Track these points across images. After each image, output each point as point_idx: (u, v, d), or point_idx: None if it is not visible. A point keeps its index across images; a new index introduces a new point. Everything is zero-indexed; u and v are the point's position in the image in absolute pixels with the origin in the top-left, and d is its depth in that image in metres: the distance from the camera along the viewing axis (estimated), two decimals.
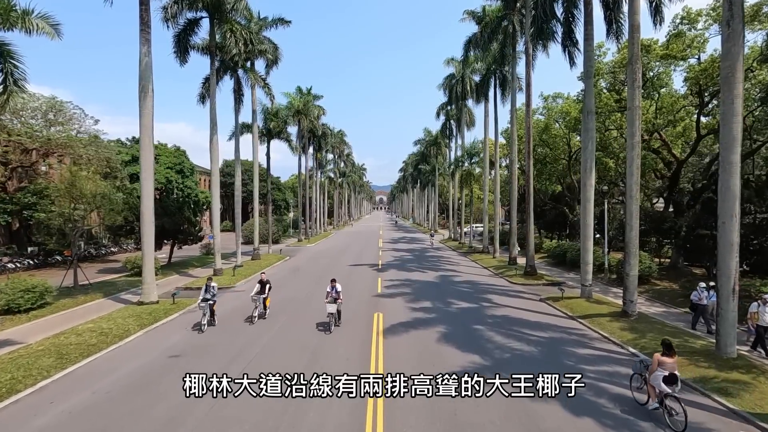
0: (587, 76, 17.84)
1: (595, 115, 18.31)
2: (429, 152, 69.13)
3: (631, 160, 14.78)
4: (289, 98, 46.53)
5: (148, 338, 13.78)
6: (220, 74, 28.05)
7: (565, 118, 29.69)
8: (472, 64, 36.35)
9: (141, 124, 17.47)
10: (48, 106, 29.47)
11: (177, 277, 25.74)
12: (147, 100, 17.42)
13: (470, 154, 41.76)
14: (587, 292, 18.16)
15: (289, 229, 65.64)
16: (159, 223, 26.73)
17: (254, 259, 32.22)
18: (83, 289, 21.03)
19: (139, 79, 17.42)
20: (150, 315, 16.04)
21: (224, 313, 16.63)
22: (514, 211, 28.72)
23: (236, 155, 29.33)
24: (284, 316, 16.18)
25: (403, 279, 24.41)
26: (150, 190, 17.64)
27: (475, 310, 17.09)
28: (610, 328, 14.19)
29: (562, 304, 17.68)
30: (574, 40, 20.01)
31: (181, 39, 23.62)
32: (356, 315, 16.21)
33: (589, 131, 17.77)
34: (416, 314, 16.35)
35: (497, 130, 33.59)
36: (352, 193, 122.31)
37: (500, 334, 13.84)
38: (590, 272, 18.14)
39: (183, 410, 8.57)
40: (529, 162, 24.64)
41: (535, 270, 24.78)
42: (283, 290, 21.24)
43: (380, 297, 19.43)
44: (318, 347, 12.46)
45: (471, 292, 20.81)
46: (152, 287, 17.78)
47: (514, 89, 28.56)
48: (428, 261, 33.17)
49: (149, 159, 17.57)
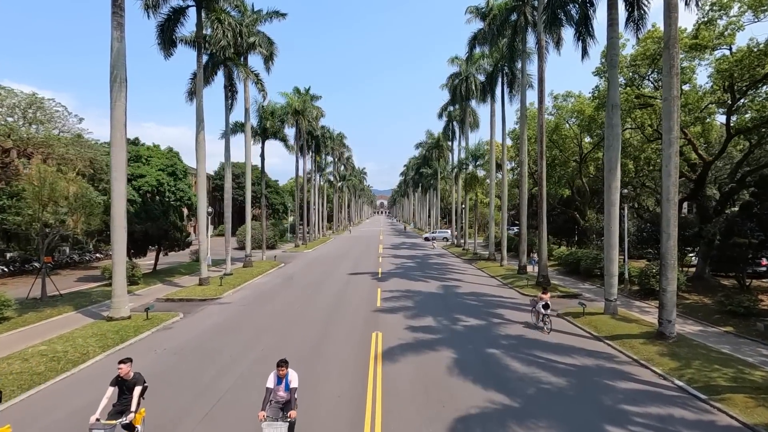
0: (611, 65, 15.94)
1: (622, 108, 16.35)
2: (431, 155, 67.27)
3: (668, 159, 12.84)
4: (286, 98, 44.76)
5: (107, 364, 11.79)
6: (209, 69, 26.27)
7: (578, 117, 27.78)
8: (477, 61, 34.56)
9: (112, 117, 15.60)
10: (27, 103, 27.70)
11: (160, 286, 23.80)
12: (119, 91, 15.56)
13: (475, 156, 39.85)
14: (612, 307, 16.15)
15: (286, 234, 63.70)
16: (142, 228, 24.93)
17: (246, 266, 30.26)
18: (52, 300, 19.09)
19: (110, 67, 15.57)
20: (117, 334, 14.08)
21: (203, 330, 14.66)
22: (523, 215, 26.76)
23: (226, 155, 27.45)
24: (269, 337, 14.18)
25: (404, 290, 22.43)
26: (121, 191, 15.73)
27: (485, 329, 15.08)
28: (646, 353, 12.19)
29: (585, 321, 15.68)
30: (590, 28, 18.13)
31: (165, 29, 21.81)
32: (352, 334, 14.22)
33: (613, 127, 15.85)
34: (420, 334, 14.36)
35: (504, 130, 31.71)
36: (353, 197, 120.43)
37: (518, 359, 11.85)
38: (615, 285, 16.14)
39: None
40: (541, 162, 22.71)
41: (548, 280, 22.78)
42: (269, 304, 19.27)
43: (379, 312, 17.45)
44: (307, 376, 10.48)
45: (479, 306, 18.82)
46: (123, 300, 15.82)
47: (524, 85, 26.68)
48: (431, 269, 31.18)
49: (121, 157, 15.67)
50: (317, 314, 16.99)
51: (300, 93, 46.83)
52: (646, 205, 37.94)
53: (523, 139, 26.22)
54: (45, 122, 29.06)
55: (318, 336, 14.00)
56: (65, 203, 19.56)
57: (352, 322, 15.81)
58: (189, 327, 15.46)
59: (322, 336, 14.01)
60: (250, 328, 14.97)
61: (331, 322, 15.84)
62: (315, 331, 14.63)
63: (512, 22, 26.91)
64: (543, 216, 22.91)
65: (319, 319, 16.16)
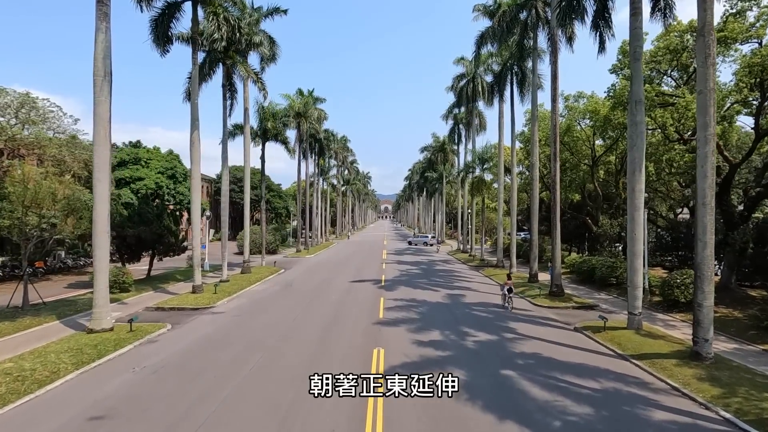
0: (635, 58, 14.66)
1: (644, 105, 15.03)
2: (436, 159, 66.00)
3: (703, 158, 11.51)
4: (288, 100, 43.81)
5: (77, 384, 10.60)
6: (206, 66, 25.27)
7: (593, 118, 26.43)
8: (485, 61, 33.34)
9: (95, 113, 14.51)
10: (19, 103, 26.80)
11: (153, 293, 22.66)
12: (104, 86, 14.49)
13: (482, 159, 38.56)
14: (636, 322, 14.76)
15: (288, 239, 62.58)
16: (135, 233, 23.85)
17: (244, 272, 29.09)
18: (34, 309, 17.96)
19: (94, 60, 14.51)
20: (94, 348, 12.88)
21: (189, 344, 13.44)
22: (534, 221, 25.42)
23: (223, 156, 26.38)
24: (260, 353, 12.92)
25: (409, 299, 21.12)
26: (104, 193, 14.60)
27: (498, 345, 13.75)
28: (682, 377, 10.81)
29: (606, 337, 14.30)
30: (607, 18, 16.90)
31: (159, 24, 20.84)
32: (351, 351, 12.94)
33: (637, 125, 14.55)
34: (426, 350, 13.05)
35: (513, 132, 30.45)
36: (356, 201, 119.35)
37: (538, 384, 10.50)
38: (640, 298, 14.74)
39: None
40: (555, 165, 21.41)
41: (562, 290, 21.40)
42: (264, 315, 18.04)
43: (381, 325, 16.14)
44: (296, 402, 9.21)
45: (489, 318, 17.47)
46: (105, 311, 14.64)
47: (535, 84, 25.42)
48: (437, 276, 29.84)
49: (104, 157, 14.55)
50: (314, 327, 15.73)
51: (303, 95, 45.89)
52: (659, 210, 36.45)
53: (535, 140, 24.94)
54: (39, 123, 28.15)
55: (313, 353, 12.73)
56: (52, 206, 18.48)
57: (351, 336, 14.53)
58: (175, 340, 14.26)
59: (317, 353, 12.74)
60: (241, 343, 13.73)
61: (328, 336, 14.57)
62: (310, 346, 13.37)
63: (522, 18, 25.76)
64: (556, 221, 21.57)
65: (315, 333, 14.90)
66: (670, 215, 38.57)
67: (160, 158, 44.94)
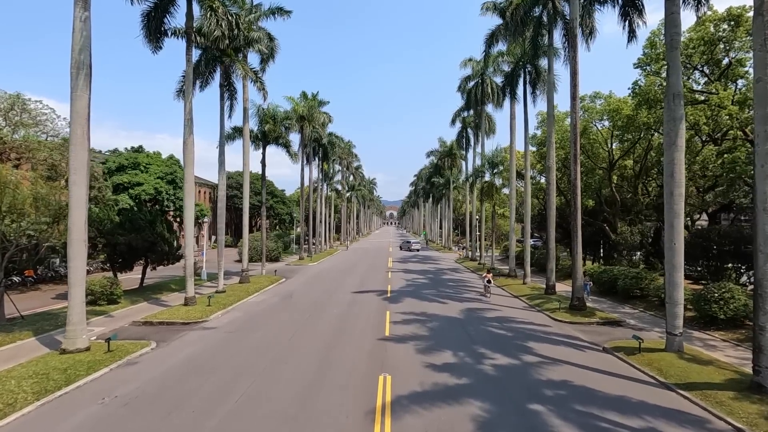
0: (672, 46, 13.09)
1: (683, 99, 13.40)
2: (443, 164, 64.48)
3: (764, 156, 9.88)
4: (292, 103, 42.54)
5: (33, 420, 9.09)
6: (203, 65, 24.02)
7: (613, 118, 24.78)
8: (495, 60, 31.84)
9: (72, 110, 13.16)
10: (9, 104, 25.71)
11: (144, 305, 21.24)
12: (80, 80, 13.14)
13: (492, 163, 36.94)
14: (677, 343, 13.01)
15: (291, 246, 61.16)
16: (125, 241, 22.51)
17: (242, 282, 27.59)
18: (9, 324, 16.56)
19: (71, 51, 13.18)
20: (63, 373, 11.39)
21: (172, 367, 11.89)
22: (551, 227, 23.73)
23: (220, 159, 25.00)
24: (249, 380, 11.35)
25: (417, 313, 19.49)
26: (81, 197, 13.18)
27: (521, 371, 12.07)
28: (745, 415, 9.07)
29: (643, 361, 12.57)
30: (638, 3, 15.35)
31: (152, 18, 19.58)
32: (353, 378, 11.34)
33: (676, 121, 12.93)
34: (439, 377, 11.41)
35: (527, 133, 28.82)
36: (362, 207, 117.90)
37: (573, 422, 8.84)
38: (681, 316, 13.02)
39: None
40: (576, 168, 19.81)
41: (584, 303, 19.67)
42: (259, 330, 16.49)
43: (388, 344, 14.52)
44: None
45: (508, 337, 15.79)
46: (79, 329, 13.17)
47: (551, 82, 23.85)
48: (446, 286, 28.16)
49: (81, 158, 13.17)
50: (312, 347, 14.14)
51: (307, 98, 44.65)
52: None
53: (551, 142, 23.32)
54: (30, 126, 27.03)
55: (310, 381, 11.14)
56: (32, 212, 17.14)
57: (354, 359, 12.92)
58: (157, 362, 12.75)
59: (315, 381, 11.15)
60: (229, 367, 12.18)
61: (328, 358, 12.98)
62: (306, 373, 11.78)
63: (536, 14, 24.32)
64: (577, 228, 19.92)
65: (313, 355, 13.31)
66: (687, 222, 36.73)
67: (159, 163, 43.82)
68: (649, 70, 20.71)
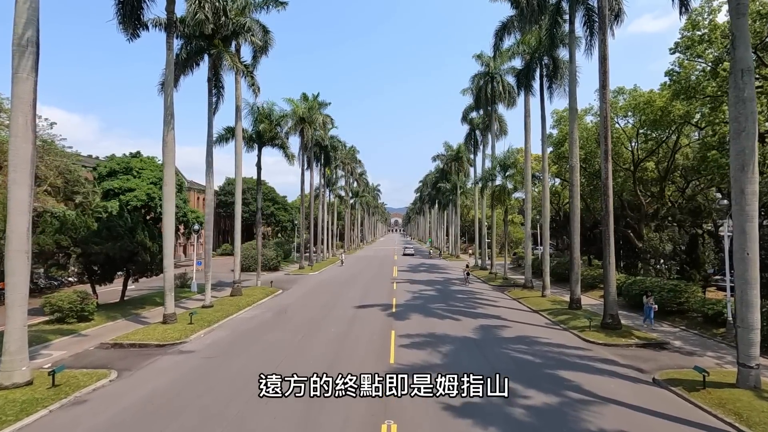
0: (738, 13, 10.73)
1: (754, 76, 10.99)
2: (450, 168, 62.24)
3: None
4: (292, 105, 40.52)
5: None
6: (188, 56, 21.95)
7: (643, 112, 22.34)
8: (508, 54, 29.63)
9: (13, 94, 10.97)
10: None
11: (119, 322, 18.95)
12: (24, 59, 10.98)
13: (504, 165, 34.50)
14: (753, 378, 10.45)
15: (293, 254, 58.87)
16: (102, 250, 20.28)
17: (234, 294, 25.22)
18: None
19: (14, 25, 11.03)
20: None
21: (127, 407, 9.49)
22: (576, 234, 21.22)
23: (208, 160, 22.80)
24: (217, 427, 8.93)
25: (426, 333, 16.99)
26: (23, 200, 10.93)
27: (561, 416, 9.54)
28: None
29: (712, 401, 10.01)
30: None
31: (126, 2, 17.55)
32: (349, 427, 8.89)
33: (746, 103, 10.51)
34: (459, 426, 8.93)
35: (544, 132, 26.44)
36: (366, 214, 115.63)
37: None
38: (758, 344, 10.47)
39: None
40: (607, 166, 17.39)
41: (618, 321, 17.10)
42: (243, 355, 14.07)
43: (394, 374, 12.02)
44: None
45: (536, 364, 13.27)
46: (17, 360, 10.85)
47: (573, 72, 21.46)
48: (457, 300, 25.61)
49: (24, 152, 10.94)
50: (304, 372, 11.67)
51: (307, 99, 42.65)
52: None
53: (574, 139, 20.92)
54: (4, 126, 25.02)
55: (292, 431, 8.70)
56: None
57: (351, 399, 10.43)
58: (110, 400, 10.38)
59: (300, 431, 8.71)
60: (196, 409, 9.79)
61: (320, 398, 10.51)
62: (291, 418, 9.35)
63: (551, 6, 22.15)
64: (609, 234, 17.40)
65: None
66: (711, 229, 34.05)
67: (153, 168, 41.73)
68: (687, 55, 18.32)
